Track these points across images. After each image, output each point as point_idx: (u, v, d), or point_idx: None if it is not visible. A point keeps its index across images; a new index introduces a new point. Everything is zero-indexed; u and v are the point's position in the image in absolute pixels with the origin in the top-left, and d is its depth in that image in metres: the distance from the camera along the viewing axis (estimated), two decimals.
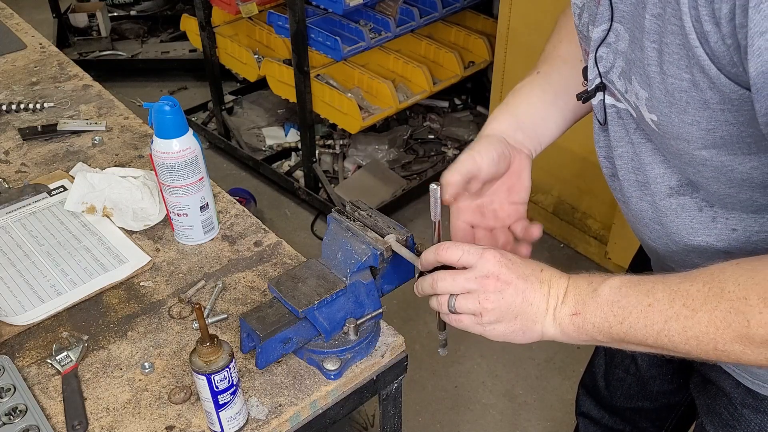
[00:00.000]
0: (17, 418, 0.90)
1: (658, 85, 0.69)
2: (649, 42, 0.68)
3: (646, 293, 0.73)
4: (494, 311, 0.79)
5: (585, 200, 2.50)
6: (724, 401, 0.95)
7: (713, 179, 0.76)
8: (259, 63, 2.75)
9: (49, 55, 1.78)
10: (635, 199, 0.87)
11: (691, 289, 0.71)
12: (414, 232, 1.00)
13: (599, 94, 0.83)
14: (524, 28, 2.40)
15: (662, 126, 0.73)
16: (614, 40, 0.75)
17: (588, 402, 1.42)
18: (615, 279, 0.76)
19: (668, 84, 0.68)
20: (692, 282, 0.71)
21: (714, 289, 0.69)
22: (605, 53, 0.78)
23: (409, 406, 2.14)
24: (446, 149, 3.01)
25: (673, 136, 0.73)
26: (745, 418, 0.92)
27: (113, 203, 1.23)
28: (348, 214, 1.00)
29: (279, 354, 0.96)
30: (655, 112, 0.72)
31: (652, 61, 0.68)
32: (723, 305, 0.68)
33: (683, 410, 1.29)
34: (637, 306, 0.73)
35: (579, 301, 0.78)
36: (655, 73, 0.69)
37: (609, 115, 0.83)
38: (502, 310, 0.79)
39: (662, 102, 0.70)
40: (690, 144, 0.72)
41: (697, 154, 0.73)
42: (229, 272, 1.15)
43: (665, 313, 0.71)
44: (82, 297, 1.09)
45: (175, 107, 1.07)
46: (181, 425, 0.91)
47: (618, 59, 0.76)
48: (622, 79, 0.77)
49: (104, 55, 3.72)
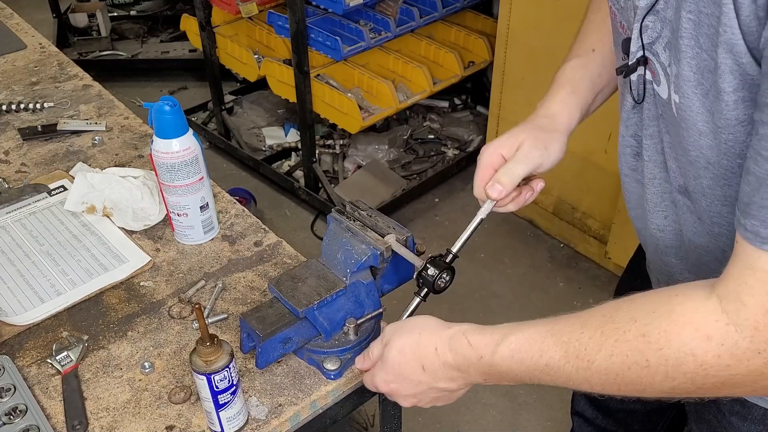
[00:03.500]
0: (17, 418, 0.90)
1: (688, 60, 0.65)
2: (686, 12, 0.64)
3: (541, 354, 0.74)
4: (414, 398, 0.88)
5: (585, 200, 2.50)
6: (713, 408, 0.94)
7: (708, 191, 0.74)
8: (259, 63, 2.75)
9: (49, 55, 1.78)
10: (658, 180, 0.84)
11: (582, 337, 0.70)
12: (414, 232, 1.00)
13: (640, 68, 0.77)
14: (524, 28, 2.40)
15: (682, 110, 0.69)
16: (663, 7, 0.70)
17: (582, 402, 1.42)
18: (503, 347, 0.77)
19: (701, 60, 0.64)
20: (583, 329, 0.71)
21: (606, 332, 0.68)
22: (651, 22, 0.72)
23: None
24: (446, 149, 3.01)
25: (689, 124, 0.70)
26: (733, 425, 0.91)
27: (113, 203, 1.23)
28: (348, 214, 1.00)
29: (279, 354, 0.96)
30: (680, 92, 0.68)
31: (686, 34, 0.64)
32: (619, 349, 0.67)
33: (674, 414, 1.29)
34: (536, 369, 0.75)
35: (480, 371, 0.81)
36: (688, 47, 0.65)
37: (647, 90, 0.78)
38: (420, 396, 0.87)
39: (689, 81, 0.66)
40: (701, 137, 0.69)
41: (705, 154, 0.71)
42: (229, 272, 1.15)
43: (562, 369, 0.72)
44: (82, 297, 1.09)
45: (175, 107, 1.07)
46: (181, 425, 0.91)
47: (665, 28, 0.70)
48: (667, 51, 0.71)
49: (104, 55, 3.71)
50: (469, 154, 2.98)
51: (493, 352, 0.77)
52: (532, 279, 2.55)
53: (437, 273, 0.92)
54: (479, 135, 3.05)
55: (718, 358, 0.62)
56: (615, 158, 2.55)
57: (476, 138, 3.06)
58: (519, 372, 0.76)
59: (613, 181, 2.32)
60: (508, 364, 0.76)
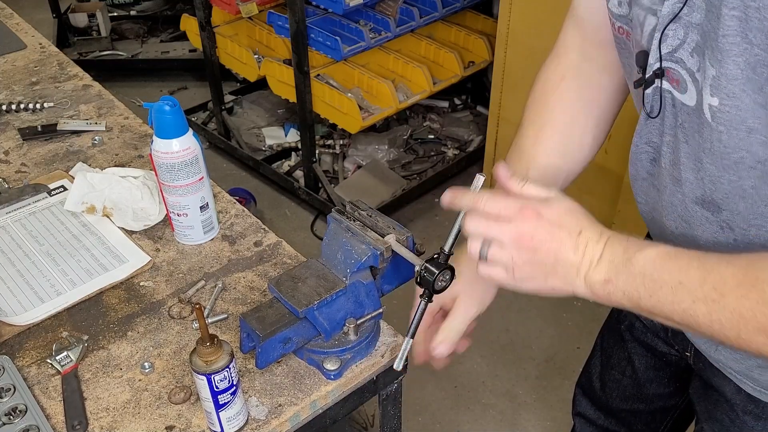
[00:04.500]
0: (17, 418, 0.90)
1: (734, 58, 0.64)
2: (728, 9, 0.63)
3: (680, 270, 0.71)
4: (526, 269, 0.78)
5: (585, 200, 2.47)
6: (726, 408, 0.94)
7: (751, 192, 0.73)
8: (259, 63, 2.75)
9: (49, 55, 1.78)
10: (670, 189, 0.83)
11: (725, 271, 0.68)
12: (414, 232, 1.00)
13: (657, 80, 0.77)
14: (524, 28, 2.40)
15: (722, 112, 0.68)
16: (687, 12, 0.69)
17: (584, 402, 1.42)
18: (651, 249, 0.74)
19: (752, 55, 0.63)
20: (728, 264, 0.69)
21: (749, 276, 0.67)
22: (673, 29, 0.72)
23: (409, 406, 2.14)
24: (446, 149, 3.01)
25: (735, 124, 0.68)
26: (747, 425, 0.90)
27: (113, 203, 1.23)
28: (348, 214, 1.00)
29: (279, 354, 0.96)
30: (720, 93, 0.67)
31: (731, 32, 0.63)
32: (753, 294, 0.66)
33: (678, 414, 1.29)
34: (668, 282, 0.71)
35: (611, 269, 0.75)
36: (733, 45, 0.63)
37: (665, 100, 0.78)
38: (534, 268, 0.78)
39: (736, 79, 0.65)
40: (751, 134, 0.68)
41: (754, 151, 0.69)
42: (229, 272, 1.15)
43: (694, 293, 0.69)
44: (82, 297, 1.09)
45: (175, 107, 1.07)
46: (181, 425, 0.91)
47: (691, 33, 0.70)
48: (695, 56, 0.70)
49: (104, 55, 3.72)
50: (469, 154, 2.98)
51: (639, 249, 0.75)
52: None
53: (437, 273, 0.91)
54: (479, 135, 3.05)
55: None
56: (615, 158, 2.56)
57: (476, 138, 3.06)
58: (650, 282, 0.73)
59: (613, 181, 2.31)
60: (646, 268, 0.73)
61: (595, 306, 0.76)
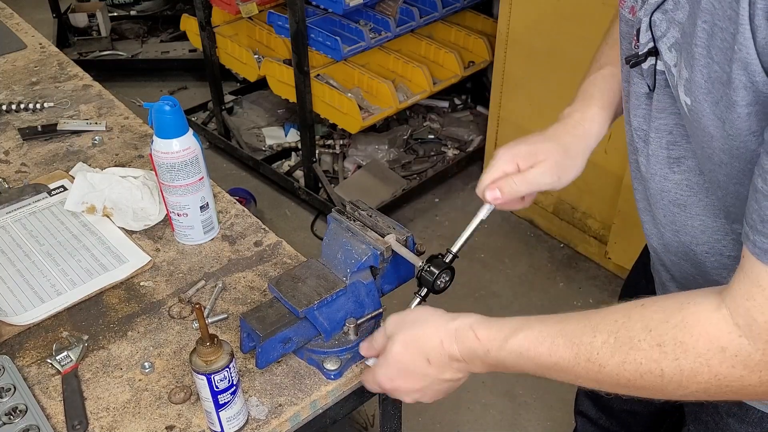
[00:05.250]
0: (17, 418, 0.90)
1: (701, 68, 0.65)
2: (701, 21, 0.64)
3: (549, 353, 0.74)
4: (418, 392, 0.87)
5: (585, 200, 2.50)
6: (710, 410, 0.95)
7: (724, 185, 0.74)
8: (259, 63, 2.75)
9: (49, 55, 1.78)
10: (659, 177, 0.83)
11: (594, 341, 0.70)
12: (414, 232, 1.00)
13: (650, 59, 0.77)
14: (524, 28, 2.40)
15: (694, 112, 0.70)
16: (672, 8, 0.70)
17: (586, 402, 1.42)
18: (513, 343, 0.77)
19: (712, 70, 0.64)
20: (595, 333, 0.70)
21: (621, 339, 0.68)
22: (659, 19, 0.73)
23: (409, 406, 2.13)
24: (446, 149, 3.01)
25: (701, 126, 0.70)
26: (730, 427, 0.91)
27: (113, 203, 1.23)
28: (348, 214, 1.00)
29: (279, 354, 0.96)
30: (691, 95, 0.69)
31: (701, 42, 0.64)
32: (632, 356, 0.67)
33: (677, 417, 1.29)
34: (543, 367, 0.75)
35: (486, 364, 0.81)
36: (701, 56, 0.65)
37: (658, 81, 0.77)
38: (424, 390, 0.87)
39: (701, 87, 0.66)
40: (713, 140, 0.69)
41: (717, 154, 0.71)
42: (229, 272, 1.15)
43: (573, 370, 0.72)
44: (82, 297, 1.09)
45: (175, 107, 1.07)
46: (181, 425, 0.91)
47: (672, 29, 0.71)
48: (673, 51, 0.72)
49: (104, 55, 3.71)
50: (469, 154, 2.98)
51: (501, 348, 0.77)
52: (531, 279, 2.55)
53: (437, 273, 0.92)
54: (479, 135, 3.05)
55: (732, 369, 0.64)
56: (615, 158, 2.56)
57: (476, 138, 3.06)
58: (527, 367, 0.77)
59: (613, 181, 2.32)
60: (515, 360, 0.77)
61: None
